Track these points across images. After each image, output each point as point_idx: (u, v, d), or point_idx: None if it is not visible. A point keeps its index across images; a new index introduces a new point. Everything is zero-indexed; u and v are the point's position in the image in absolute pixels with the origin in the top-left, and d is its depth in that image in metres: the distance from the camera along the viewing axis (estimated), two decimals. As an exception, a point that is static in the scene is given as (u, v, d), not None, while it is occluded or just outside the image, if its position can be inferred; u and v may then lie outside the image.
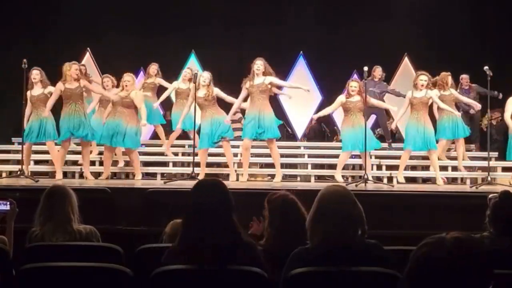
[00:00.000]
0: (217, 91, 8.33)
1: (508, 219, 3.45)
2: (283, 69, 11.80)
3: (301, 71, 11.87)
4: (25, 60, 8.07)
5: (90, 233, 3.72)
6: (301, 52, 11.86)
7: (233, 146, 8.81)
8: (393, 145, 10.13)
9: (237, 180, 8.34)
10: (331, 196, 2.85)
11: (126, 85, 8.30)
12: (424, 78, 8.32)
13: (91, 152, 8.89)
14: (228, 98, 8.44)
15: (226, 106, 8.57)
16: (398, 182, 8.41)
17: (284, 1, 12.59)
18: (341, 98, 8.43)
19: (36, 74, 8.32)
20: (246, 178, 8.31)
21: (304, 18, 12.23)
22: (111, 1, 12.13)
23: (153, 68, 9.96)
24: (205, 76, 8.31)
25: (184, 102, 9.11)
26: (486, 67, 8.11)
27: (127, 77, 8.38)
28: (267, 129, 8.12)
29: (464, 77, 10.06)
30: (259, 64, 8.13)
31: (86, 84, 8.36)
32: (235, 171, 9.05)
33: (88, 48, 11.53)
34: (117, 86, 8.87)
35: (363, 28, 11.77)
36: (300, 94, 9.17)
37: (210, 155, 9.62)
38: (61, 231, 3.62)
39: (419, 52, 11.34)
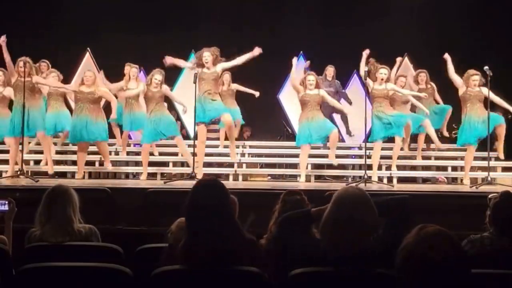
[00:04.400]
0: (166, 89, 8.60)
1: (508, 219, 3.45)
2: (283, 69, 11.81)
3: (301, 71, 11.85)
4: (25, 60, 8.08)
5: (90, 233, 3.71)
6: (301, 52, 11.85)
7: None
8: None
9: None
10: (348, 199, 2.80)
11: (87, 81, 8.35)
12: (384, 71, 8.44)
13: None
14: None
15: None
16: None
17: (284, 1, 12.59)
18: (301, 88, 8.47)
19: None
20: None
21: (304, 18, 12.24)
22: (111, 1, 12.12)
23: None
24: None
25: (133, 102, 9.35)
26: (486, 67, 8.11)
27: (88, 73, 8.48)
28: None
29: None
30: (206, 56, 8.08)
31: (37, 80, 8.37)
32: (235, 171, 9.08)
33: (88, 48, 11.53)
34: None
35: (363, 28, 11.77)
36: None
37: (209, 155, 9.64)
38: (61, 232, 3.60)
39: (419, 52, 11.33)
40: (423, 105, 9.06)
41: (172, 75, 10.25)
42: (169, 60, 8.30)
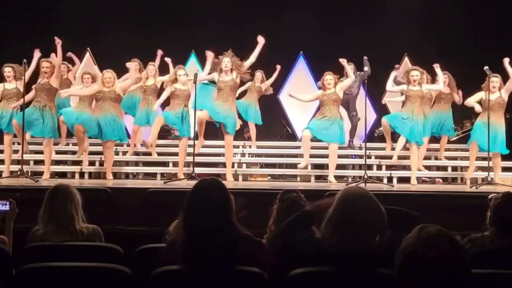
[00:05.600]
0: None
1: (509, 220, 3.45)
2: (283, 69, 11.82)
3: (301, 71, 11.87)
4: (25, 60, 8.09)
5: (93, 233, 3.71)
6: (301, 52, 11.86)
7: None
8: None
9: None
10: (353, 198, 2.78)
11: (108, 82, 8.38)
12: (416, 73, 8.39)
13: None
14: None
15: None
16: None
17: (284, 1, 12.59)
18: (319, 92, 8.56)
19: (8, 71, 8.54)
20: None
21: (304, 18, 12.23)
22: (111, 1, 12.12)
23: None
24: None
25: (150, 98, 9.41)
26: (486, 67, 8.11)
27: (108, 73, 8.48)
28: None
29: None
30: (226, 62, 8.18)
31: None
32: (235, 171, 9.07)
33: (88, 48, 11.53)
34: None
35: (363, 28, 11.77)
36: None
37: (211, 155, 9.64)
38: (63, 231, 3.61)
39: (419, 52, 11.33)
40: (441, 108, 9.15)
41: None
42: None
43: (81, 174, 8.94)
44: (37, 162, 9.39)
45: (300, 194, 3.75)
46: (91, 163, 9.17)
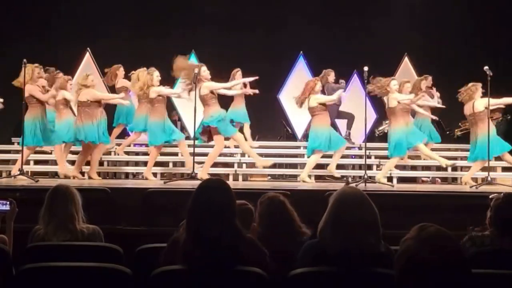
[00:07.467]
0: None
1: (510, 220, 3.46)
2: (283, 69, 11.82)
3: (301, 71, 11.84)
4: (25, 60, 8.08)
5: (93, 233, 3.71)
6: (301, 52, 11.85)
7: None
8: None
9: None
10: (348, 199, 2.78)
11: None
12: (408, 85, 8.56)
13: None
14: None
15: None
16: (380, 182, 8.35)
17: (284, 1, 12.60)
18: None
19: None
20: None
21: (304, 18, 12.24)
22: (111, 1, 12.13)
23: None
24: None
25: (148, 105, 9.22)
26: (486, 67, 8.11)
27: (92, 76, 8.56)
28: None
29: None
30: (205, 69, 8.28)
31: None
32: (235, 171, 9.08)
33: (88, 48, 11.53)
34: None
35: (363, 28, 11.77)
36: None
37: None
38: (63, 230, 3.62)
39: (419, 52, 11.34)
40: (423, 117, 9.18)
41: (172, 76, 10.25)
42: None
43: (81, 174, 8.92)
44: (37, 162, 9.39)
45: (278, 193, 3.77)
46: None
